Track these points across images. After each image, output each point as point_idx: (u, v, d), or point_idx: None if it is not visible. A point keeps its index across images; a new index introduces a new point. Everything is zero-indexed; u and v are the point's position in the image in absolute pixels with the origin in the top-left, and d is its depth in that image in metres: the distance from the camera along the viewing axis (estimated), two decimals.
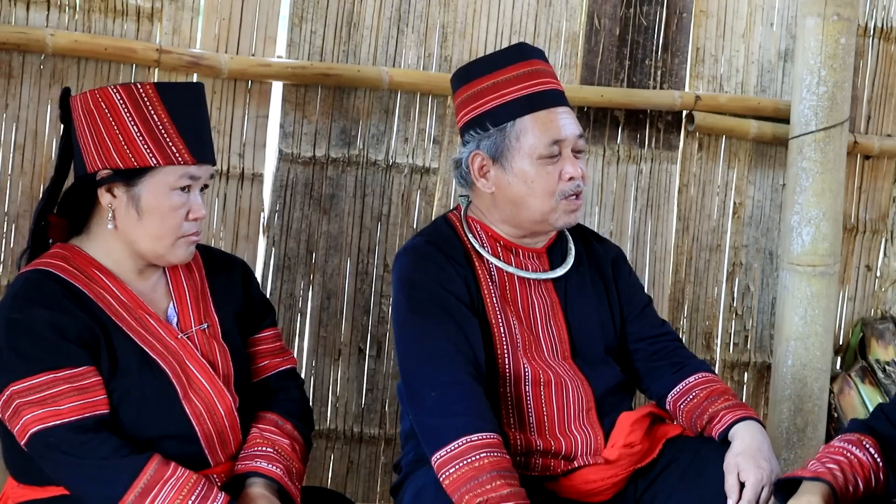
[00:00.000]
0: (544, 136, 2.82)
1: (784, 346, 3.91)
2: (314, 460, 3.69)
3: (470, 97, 2.89)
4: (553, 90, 2.88)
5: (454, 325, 2.75)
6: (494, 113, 2.84)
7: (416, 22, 3.68)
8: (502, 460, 2.59)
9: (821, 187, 3.86)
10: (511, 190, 2.85)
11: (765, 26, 4.04)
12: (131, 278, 2.62)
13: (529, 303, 2.91)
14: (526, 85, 2.85)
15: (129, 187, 2.54)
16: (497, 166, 2.86)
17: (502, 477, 2.55)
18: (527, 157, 2.82)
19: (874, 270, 4.31)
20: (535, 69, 2.88)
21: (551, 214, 2.85)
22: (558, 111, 2.85)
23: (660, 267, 4.03)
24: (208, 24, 3.48)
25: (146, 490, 2.38)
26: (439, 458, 2.61)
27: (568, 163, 2.83)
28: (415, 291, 2.80)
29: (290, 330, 3.65)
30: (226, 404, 2.60)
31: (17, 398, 2.41)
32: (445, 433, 2.62)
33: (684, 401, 2.92)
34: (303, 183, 3.62)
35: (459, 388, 2.68)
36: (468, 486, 2.55)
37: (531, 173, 2.82)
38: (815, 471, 2.52)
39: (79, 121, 2.57)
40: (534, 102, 2.84)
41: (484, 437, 2.60)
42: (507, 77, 2.86)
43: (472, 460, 2.57)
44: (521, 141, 2.82)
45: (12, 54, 3.28)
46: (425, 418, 2.69)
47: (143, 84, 2.55)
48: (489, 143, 2.85)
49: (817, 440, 3.91)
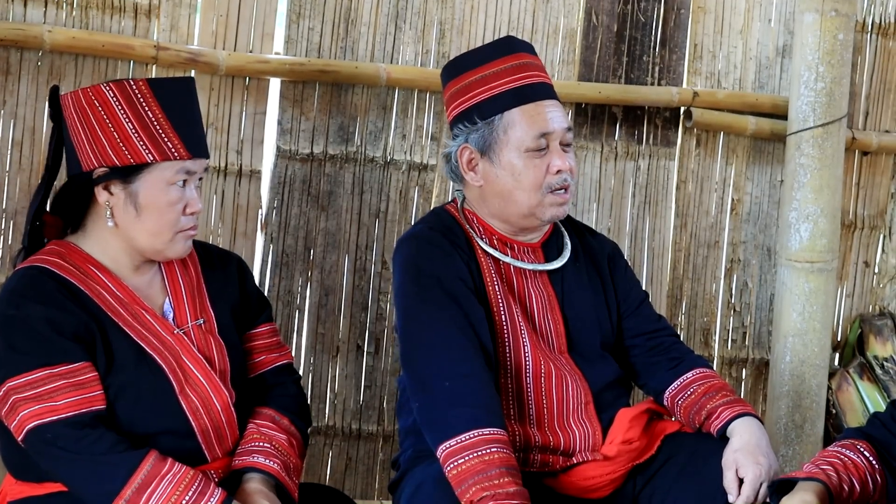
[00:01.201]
0: (532, 128, 2.81)
1: (782, 343, 3.91)
2: (312, 457, 3.68)
3: (459, 91, 2.89)
4: (541, 83, 2.88)
5: (462, 313, 2.74)
6: (482, 106, 2.84)
7: (414, 18, 3.68)
8: (510, 458, 2.59)
9: (819, 183, 3.85)
10: (499, 183, 2.85)
11: (762, 22, 4.04)
12: (127, 274, 2.62)
13: (527, 294, 2.90)
14: (514, 78, 2.84)
15: (126, 184, 2.54)
16: (485, 159, 2.85)
17: (510, 474, 2.55)
18: (514, 149, 2.82)
19: (872, 267, 4.31)
20: (524, 62, 2.87)
21: (538, 208, 2.85)
22: (546, 104, 2.85)
23: (658, 263, 4.03)
24: (206, 21, 3.47)
25: (143, 485, 2.38)
26: (447, 447, 2.59)
27: (556, 156, 2.83)
28: (421, 278, 2.78)
29: (288, 326, 3.64)
30: (222, 400, 2.60)
31: (13, 394, 2.41)
32: (456, 424, 2.60)
33: (682, 397, 2.92)
34: (301, 180, 3.62)
35: (474, 380, 2.66)
36: (476, 479, 2.54)
37: (519, 166, 2.82)
38: (808, 472, 2.55)
39: (71, 119, 2.56)
40: (522, 95, 2.83)
41: (494, 432, 2.60)
42: (495, 70, 2.85)
43: (482, 453, 2.56)
44: (508, 134, 2.82)
45: (10, 51, 3.27)
46: (435, 408, 2.66)
47: (135, 80, 2.54)
48: (477, 136, 2.85)
49: (815, 436, 3.91)
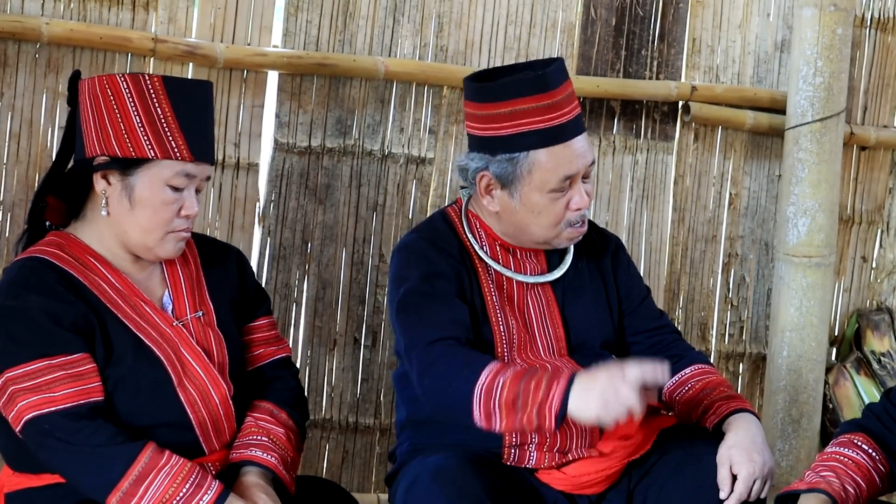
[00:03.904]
0: (558, 172, 2.76)
1: (779, 337, 3.91)
2: (309, 450, 3.68)
3: (484, 117, 2.79)
4: (570, 121, 2.78)
5: (446, 309, 2.75)
6: (509, 141, 2.76)
7: (412, 11, 3.67)
8: (510, 367, 2.62)
9: (817, 178, 3.85)
10: (516, 215, 2.82)
11: (761, 17, 4.03)
12: (126, 266, 2.62)
13: (525, 303, 2.90)
14: (544, 118, 2.74)
15: (124, 176, 2.54)
16: (504, 191, 2.80)
17: (523, 376, 2.56)
18: (537, 190, 2.77)
19: (870, 261, 4.31)
20: (556, 101, 2.76)
21: (554, 239, 2.84)
22: (573, 144, 2.77)
23: (655, 258, 4.03)
24: (204, 14, 3.47)
25: (140, 477, 2.39)
26: (482, 384, 2.57)
27: (577, 193, 2.78)
28: (404, 285, 2.79)
29: (285, 320, 3.64)
30: (220, 392, 2.60)
31: (11, 385, 2.42)
32: (477, 364, 2.60)
33: (680, 392, 2.92)
34: (298, 173, 3.62)
35: (460, 344, 2.69)
36: (525, 379, 2.54)
37: (540, 204, 2.78)
38: (809, 482, 2.54)
39: (84, 104, 2.57)
40: (550, 137, 2.75)
41: (503, 363, 2.65)
42: (526, 108, 2.74)
43: (513, 370, 2.58)
44: (532, 175, 2.76)
45: (7, 43, 3.27)
46: (442, 360, 2.66)
47: (151, 76, 2.55)
48: (499, 168, 2.78)
49: (812, 431, 3.92)
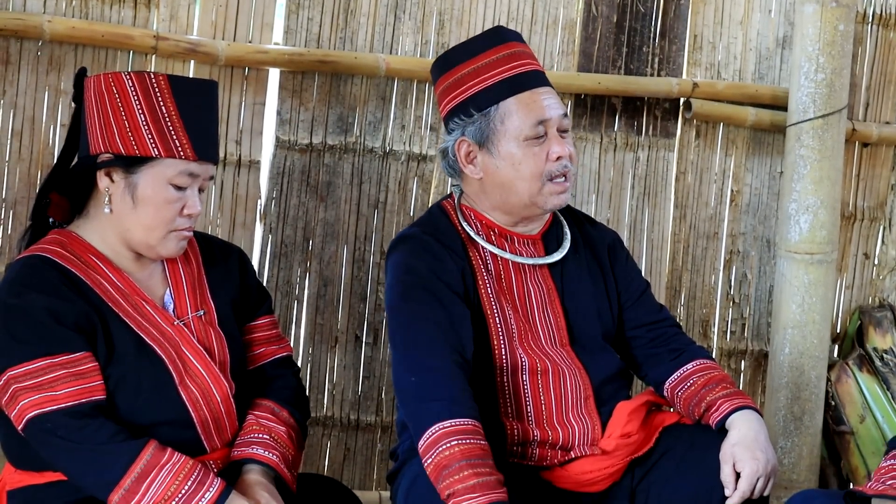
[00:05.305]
0: (529, 117, 2.81)
1: (781, 335, 3.91)
2: (311, 447, 3.68)
3: (451, 85, 2.88)
4: (534, 71, 2.87)
5: (443, 312, 2.75)
6: (477, 98, 2.83)
7: (413, 9, 3.67)
8: (475, 448, 2.56)
9: (819, 175, 3.85)
10: (499, 174, 2.85)
11: (763, 13, 4.03)
12: (128, 265, 2.62)
13: (525, 290, 2.90)
14: (506, 68, 2.84)
15: (127, 174, 2.55)
16: (484, 151, 2.85)
17: (471, 466, 2.53)
18: (513, 139, 2.82)
19: (872, 258, 4.30)
20: (515, 51, 2.87)
21: (539, 197, 2.85)
22: (541, 91, 2.85)
23: (657, 255, 4.03)
24: (205, 11, 3.47)
25: (142, 475, 2.39)
26: (421, 446, 2.61)
27: (554, 142, 2.83)
28: (407, 277, 2.80)
29: (286, 317, 3.64)
30: (222, 391, 2.60)
31: (13, 383, 2.42)
32: (425, 419, 2.62)
33: (682, 388, 2.91)
34: (299, 170, 3.62)
35: (439, 374, 2.67)
36: (441, 476, 2.55)
37: (518, 155, 2.82)
38: (877, 489, 2.51)
39: (89, 101, 2.58)
40: (516, 84, 2.83)
41: (457, 423, 2.59)
42: (486, 61, 2.85)
43: (442, 449, 2.56)
44: (505, 124, 2.82)
45: (9, 41, 3.27)
46: (408, 404, 2.69)
47: (156, 74, 2.56)
48: (474, 128, 2.85)
49: (814, 428, 3.92)
